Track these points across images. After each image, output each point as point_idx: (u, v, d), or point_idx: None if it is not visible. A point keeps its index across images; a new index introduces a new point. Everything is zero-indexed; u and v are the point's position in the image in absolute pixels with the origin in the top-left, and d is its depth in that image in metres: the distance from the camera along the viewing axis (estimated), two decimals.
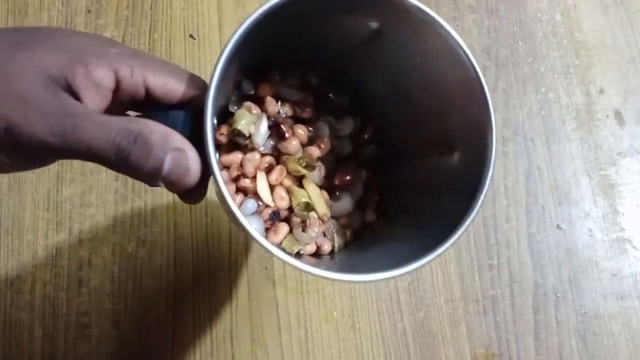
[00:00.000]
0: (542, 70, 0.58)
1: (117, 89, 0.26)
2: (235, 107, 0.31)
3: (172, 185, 0.25)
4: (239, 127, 0.30)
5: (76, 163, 0.50)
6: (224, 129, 0.30)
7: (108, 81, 0.25)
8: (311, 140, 0.34)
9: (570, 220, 0.53)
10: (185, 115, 0.26)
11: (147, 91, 0.26)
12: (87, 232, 0.48)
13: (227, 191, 0.25)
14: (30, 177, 0.49)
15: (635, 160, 0.56)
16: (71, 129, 0.23)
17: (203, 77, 0.28)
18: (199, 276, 0.48)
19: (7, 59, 0.23)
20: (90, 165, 0.50)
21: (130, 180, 0.49)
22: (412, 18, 0.30)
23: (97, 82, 0.25)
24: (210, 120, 0.25)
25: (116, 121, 0.24)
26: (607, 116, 0.57)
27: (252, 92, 0.33)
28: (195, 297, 0.47)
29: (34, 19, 0.54)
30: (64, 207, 0.49)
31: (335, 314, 0.48)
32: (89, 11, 0.55)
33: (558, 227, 0.53)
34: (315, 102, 0.35)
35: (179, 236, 0.49)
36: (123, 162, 0.24)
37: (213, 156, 0.25)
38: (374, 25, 0.31)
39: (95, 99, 0.25)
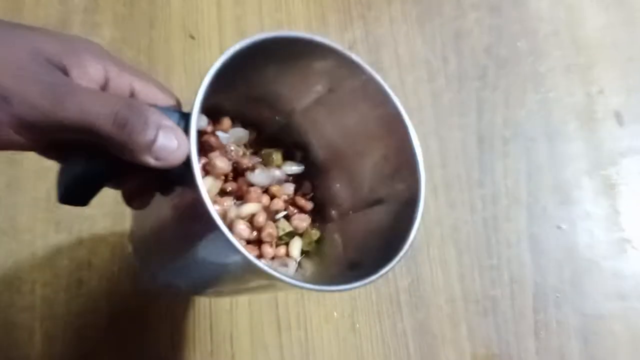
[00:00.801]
0: (542, 70, 0.58)
1: (105, 87, 0.27)
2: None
3: (160, 159, 0.25)
4: None
5: None
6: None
7: (98, 76, 0.26)
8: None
9: (571, 221, 0.53)
10: (179, 114, 0.27)
11: (131, 95, 0.28)
12: (86, 232, 0.48)
13: (201, 182, 0.26)
14: (29, 177, 0.49)
15: (636, 160, 0.56)
16: (66, 95, 0.24)
17: (200, 75, 0.29)
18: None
19: (9, 39, 0.24)
20: None
21: None
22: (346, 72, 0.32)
23: (90, 75, 0.26)
24: (196, 118, 0.26)
25: (115, 95, 0.26)
26: (608, 116, 0.57)
27: (208, 128, 0.35)
28: (196, 297, 0.47)
29: (31, 16, 0.54)
30: (64, 207, 0.48)
31: (335, 314, 0.48)
32: (86, 8, 0.55)
33: (559, 227, 0.53)
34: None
35: None
36: (119, 129, 0.24)
37: (196, 162, 0.26)
38: (323, 85, 0.34)
39: None
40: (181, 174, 0.26)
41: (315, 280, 0.33)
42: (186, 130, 0.26)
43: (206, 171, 0.33)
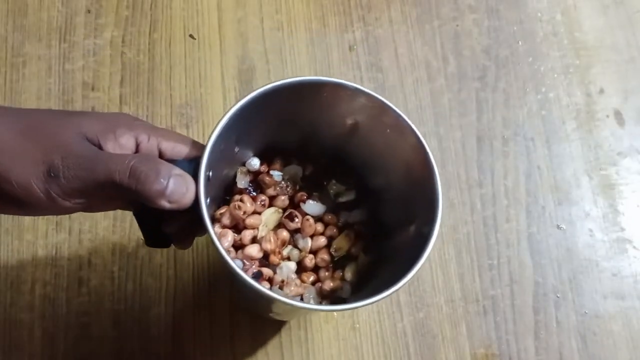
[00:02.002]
0: (542, 70, 0.58)
1: (137, 150, 0.32)
2: (242, 182, 0.39)
3: (173, 202, 0.31)
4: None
5: None
6: (224, 209, 0.38)
7: (130, 145, 0.32)
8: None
9: (570, 220, 0.53)
10: (189, 163, 0.32)
11: (160, 153, 0.33)
12: (87, 232, 0.48)
13: (210, 223, 0.31)
14: None
15: (635, 160, 0.56)
16: (97, 163, 0.30)
17: (201, 77, 0.34)
18: (198, 276, 0.48)
19: (61, 125, 0.31)
20: None
21: None
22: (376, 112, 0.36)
23: (122, 145, 0.31)
24: (204, 167, 0.31)
25: (132, 154, 0.31)
26: (607, 116, 0.57)
27: (258, 168, 0.40)
28: (195, 297, 0.47)
29: (34, 19, 0.54)
30: None
31: (335, 314, 0.48)
32: (89, 11, 0.55)
33: (558, 227, 0.53)
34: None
35: None
36: (135, 180, 0.30)
37: (204, 202, 0.31)
38: (351, 120, 0.38)
39: None
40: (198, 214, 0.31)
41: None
42: (197, 173, 0.31)
43: (265, 206, 0.39)
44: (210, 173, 0.33)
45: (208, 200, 0.32)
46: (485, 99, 0.56)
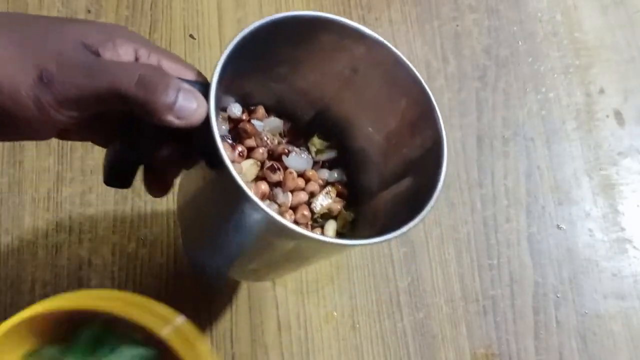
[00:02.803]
0: (542, 70, 0.58)
1: None
2: (221, 129, 0.37)
3: (182, 118, 0.28)
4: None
5: (76, 163, 0.50)
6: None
7: (128, 55, 0.29)
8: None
9: (570, 220, 0.53)
10: (197, 85, 0.30)
11: None
12: (87, 232, 0.48)
13: (220, 143, 0.28)
14: (30, 177, 0.49)
15: (636, 160, 0.56)
16: (97, 69, 0.28)
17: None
18: (198, 276, 0.48)
19: (57, 31, 0.28)
20: (90, 164, 0.50)
21: None
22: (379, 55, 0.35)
23: (121, 56, 0.29)
24: (215, 86, 0.29)
25: (139, 63, 0.29)
26: (607, 116, 0.57)
27: (240, 115, 0.37)
28: (195, 297, 0.47)
29: None
30: (64, 207, 0.49)
31: (335, 314, 0.48)
32: (89, 11, 0.55)
33: (558, 227, 0.53)
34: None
35: (178, 236, 0.48)
36: (142, 91, 0.27)
37: (215, 124, 0.28)
38: (348, 69, 0.36)
39: None
40: (204, 139, 0.29)
41: None
42: (207, 98, 0.29)
43: (244, 157, 0.36)
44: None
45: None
46: (485, 99, 0.56)
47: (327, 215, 0.38)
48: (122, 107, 0.28)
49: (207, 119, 0.29)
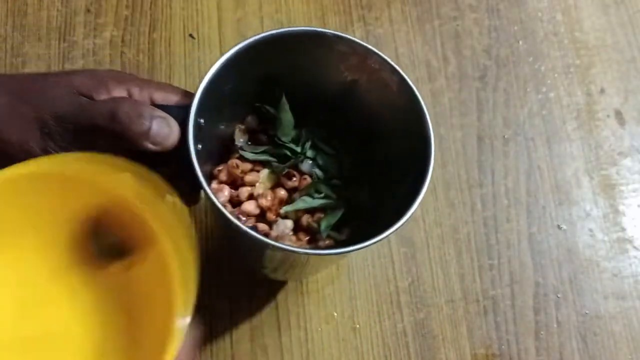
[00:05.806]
0: (542, 70, 0.58)
1: None
2: (241, 140, 0.40)
3: (157, 144, 0.31)
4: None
5: None
6: (222, 166, 0.38)
7: (122, 96, 0.32)
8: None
9: (571, 221, 0.53)
10: (180, 109, 0.32)
11: (152, 103, 0.33)
12: None
13: (200, 172, 0.30)
14: None
15: (636, 160, 0.56)
16: (81, 111, 0.31)
17: (200, 77, 0.33)
18: (198, 276, 0.48)
19: (53, 83, 0.32)
20: None
21: None
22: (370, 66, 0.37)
23: (112, 96, 0.32)
24: (194, 111, 0.32)
25: (115, 99, 0.32)
26: (608, 116, 0.57)
27: (255, 126, 0.40)
28: (195, 297, 0.47)
29: (34, 18, 0.54)
30: None
31: (335, 314, 0.48)
32: (89, 10, 0.55)
33: (559, 227, 0.53)
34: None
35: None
36: (116, 123, 0.30)
37: (193, 146, 0.31)
38: (350, 77, 0.38)
39: None
40: (188, 164, 0.31)
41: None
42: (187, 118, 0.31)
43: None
44: (203, 121, 0.33)
45: (199, 146, 0.32)
46: (485, 99, 0.56)
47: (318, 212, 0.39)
48: (106, 138, 0.31)
49: (185, 142, 0.31)
